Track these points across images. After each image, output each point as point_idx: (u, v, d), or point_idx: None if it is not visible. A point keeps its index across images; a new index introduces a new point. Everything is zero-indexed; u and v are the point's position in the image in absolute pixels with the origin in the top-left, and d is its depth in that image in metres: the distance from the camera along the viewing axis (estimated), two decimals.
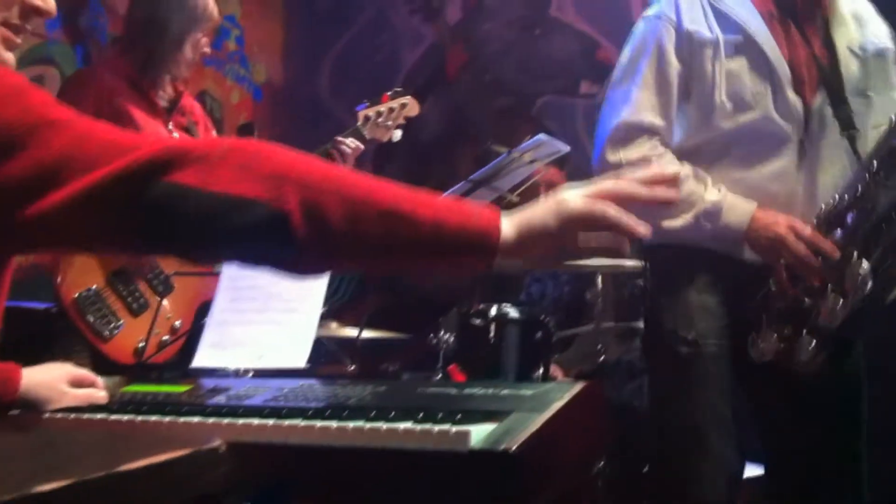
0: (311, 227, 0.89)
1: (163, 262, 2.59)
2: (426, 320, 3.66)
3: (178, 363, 2.42)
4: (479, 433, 1.30)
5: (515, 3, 4.85)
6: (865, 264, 1.81)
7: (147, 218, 0.93)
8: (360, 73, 5.16)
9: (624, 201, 1.03)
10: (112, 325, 2.48)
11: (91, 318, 2.46)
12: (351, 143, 2.87)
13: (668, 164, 1.95)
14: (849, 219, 1.86)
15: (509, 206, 3.50)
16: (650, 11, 2.08)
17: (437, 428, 1.32)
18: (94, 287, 2.49)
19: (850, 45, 2.01)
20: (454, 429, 1.30)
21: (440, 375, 3.06)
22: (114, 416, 1.50)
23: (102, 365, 2.49)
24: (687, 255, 2.01)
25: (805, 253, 1.87)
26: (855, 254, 1.83)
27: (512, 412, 1.40)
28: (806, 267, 1.87)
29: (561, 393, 1.50)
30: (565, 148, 3.04)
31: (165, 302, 2.53)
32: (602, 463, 2.61)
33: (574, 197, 1.02)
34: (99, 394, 1.53)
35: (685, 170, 1.96)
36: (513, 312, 3.19)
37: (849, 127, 1.94)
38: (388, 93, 3.01)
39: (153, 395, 1.65)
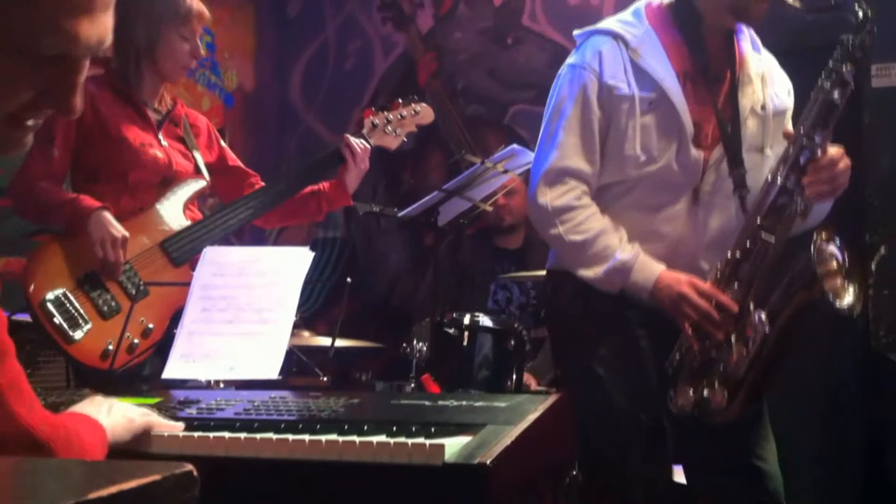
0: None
1: (139, 269, 2.57)
2: (396, 329, 3.66)
3: (153, 374, 2.38)
4: (453, 446, 1.30)
5: (487, 13, 4.86)
6: (762, 314, 1.98)
7: None
8: (331, 81, 5.15)
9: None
10: (79, 328, 2.44)
11: (57, 321, 2.42)
12: (360, 143, 2.76)
13: (590, 219, 2.08)
14: (743, 272, 2.02)
15: (482, 214, 3.53)
16: (574, 60, 2.18)
17: (411, 441, 1.31)
18: (62, 290, 2.46)
19: (753, 105, 2.15)
20: (428, 442, 1.30)
21: (413, 385, 3.05)
22: None
23: (75, 370, 2.48)
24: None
25: (706, 308, 2.00)
26: (752, 304, 1.99)
27: (486, 425, 1.40)
28: (708, 321, 2.01)
29: (534, 405, 1.51)
30: None
31: (139, 305, 2.49)
32: (575, 472, 2.61)
33: (139, 417, 1.46)
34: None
35: (602, 224, 2.09)
36: (485, 321, 3.19)
37: (740, 187, 2.09)
38: (400, 99, 2.91)
39: None
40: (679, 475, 2.40)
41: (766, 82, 2.18)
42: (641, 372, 2.09)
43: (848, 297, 1.95)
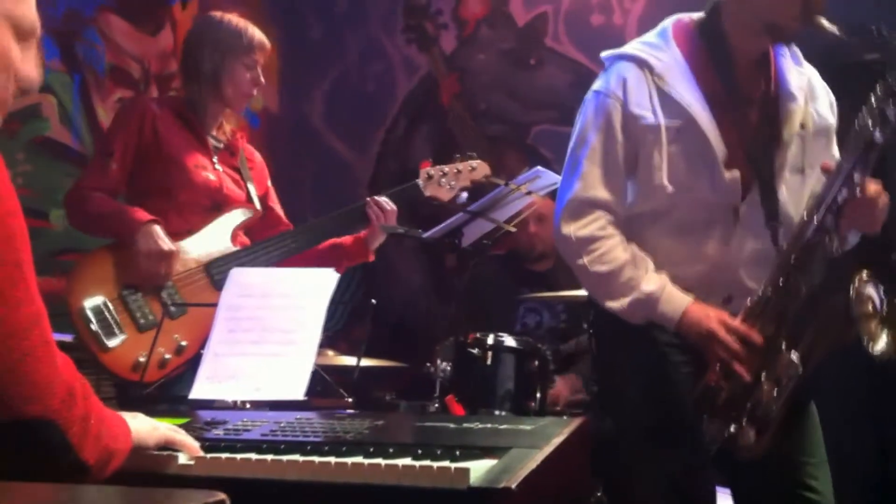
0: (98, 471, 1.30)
1: (180, 287, 2.62)
2: (419, 349, 3.66)
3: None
4: (478, 470, 1.31)
5: (510, 34, 4.88)
6: (794, 354, 1.93)
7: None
8: (353, 103, 5.18)
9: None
10: (114, 336, 2.51)
11: (94, 327, 2.49)
12: (386, 205, 2.80)
13: (615, 249, 2.05)
14: (775, 309, 1.97)
15: (512, 239, 3.51)
16: (599, 86, 2.15)
17: (436, 465, 1.32)
18: (102, 298, 2.54)
19: (793, 125, 2.08)
20: (453, 466, 1.30)
21: (437, 405, 3.06)
22: None
23: (117, 391, 2.53)
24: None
25: (735, 348, 1.95)
26: (784, 344, 1.95)
27: (511, 448, 1.40)
28: (736, 360, 1.96)
29: (559, 428, 1.51)
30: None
31: (175, 323, 2.54)
32: (599, 493, 2.60)
33: (160, 427, 1.50)
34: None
35: (627, 255, 2.05)
36: (509, 341, 3.19)
37: (772, 219, 2.04)
38: (458, 154, 2.98)
39: None
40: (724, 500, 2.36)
41: (809, 98, 2.11)
42: (676, 398, 2.05)
43: (881, 344, 1.91)
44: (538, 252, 4.06)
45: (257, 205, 2.82)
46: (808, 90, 2.12)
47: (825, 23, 1.94)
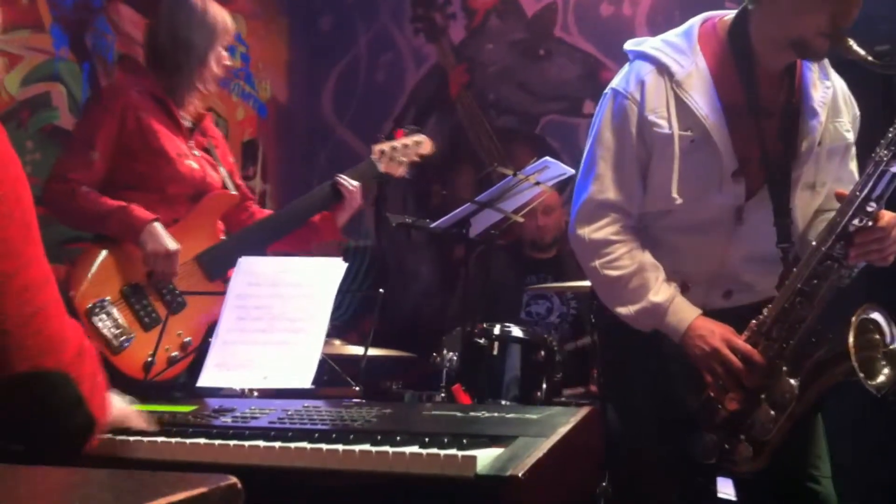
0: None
1: (177, 283, 2.60)
2: (426, 340, 3.67)
3: (187, 381, 2.41)
4: (485, 458, 1.31)
5: (519, 24, 4.87)
6: (793, 381, 1.92)
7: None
8: (362, 93, 5.18)
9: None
10: (123, 338, 2.48)
11: (105, 330, 2.47)
12: (352, 184, 2.86)
13: (627, 255, 2.05)
14: (779, 333, 1.96)
15: (520, 230, 3.51)
16: (617, 84, 2.11)
17: (443, 453, 1.32)
18: (107, 298, 2.50)
19: (811, 143, 2.05)
20: (461, 454, 1.31)
21: (444, 395, 3.06)
22: (119, 437, 1.51)
23: (113, 379, 2.51)
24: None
25: (737, 365, 1.95)
26: (784, 369, 1.94)
27: (518, 437, 1.40)
28: (735, 381, 1.96)
29: (566, 418, 1.52)
30: (569, 171, 3.05)
31: (176, 318, 2.54)
32: (605, 483, 2.60)
33: (134, 412, 1.55)
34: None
35: (639, 262, 2.05)
36: (515, 331, 3.20)
37: (785, 241, 2.03)
38: (403, 129, 3.04)
39: (159, 415, 1.65)
40: (724, 489, 2.37)
41: (830, 114, 2.07)
42: (678, 391, 2.06)
43: (881, 378, 1.88)
44: (548, 242, 4.08)
45: (232, 189, 2.81)
46: (831, 105, 2.07)
47: (854, 46, 1.88)
